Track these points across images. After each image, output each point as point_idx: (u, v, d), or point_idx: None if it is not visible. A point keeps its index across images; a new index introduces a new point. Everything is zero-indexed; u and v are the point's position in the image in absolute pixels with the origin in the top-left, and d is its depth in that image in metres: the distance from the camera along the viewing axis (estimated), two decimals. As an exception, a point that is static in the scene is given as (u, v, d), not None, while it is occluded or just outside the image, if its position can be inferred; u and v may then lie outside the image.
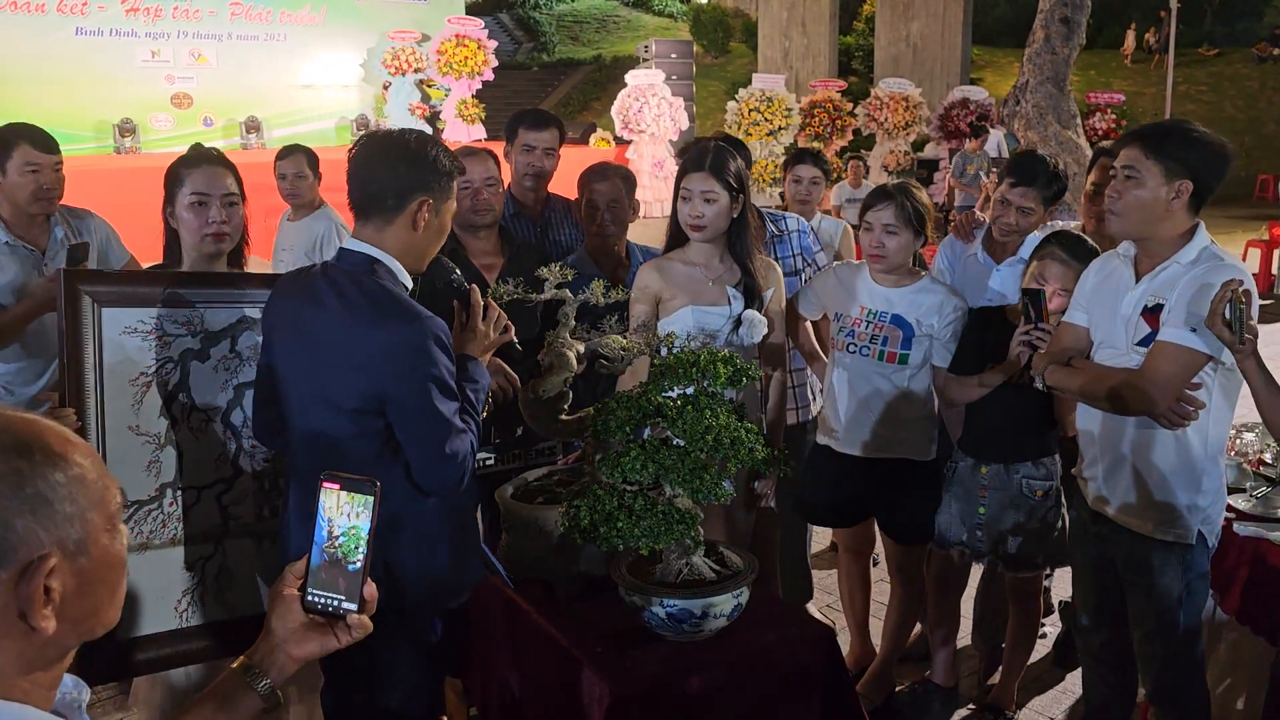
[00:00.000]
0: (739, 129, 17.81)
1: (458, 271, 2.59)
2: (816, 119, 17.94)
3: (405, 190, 2.06)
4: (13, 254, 3.22)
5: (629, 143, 17.44)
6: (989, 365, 2.96)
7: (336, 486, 1.19)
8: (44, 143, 3.22)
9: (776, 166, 17.85)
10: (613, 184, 3.30)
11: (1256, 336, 2.21)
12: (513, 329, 2.37)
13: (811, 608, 3.92)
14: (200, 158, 2.61)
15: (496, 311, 2.31)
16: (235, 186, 2.60)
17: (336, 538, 1.19)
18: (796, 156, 4.19)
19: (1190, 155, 2.34)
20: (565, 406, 2.43)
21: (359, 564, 1.19)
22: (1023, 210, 3.23)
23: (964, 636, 3.65)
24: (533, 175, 3.55)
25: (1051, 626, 3.78)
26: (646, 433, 2.17)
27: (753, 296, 2.88)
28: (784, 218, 3.69)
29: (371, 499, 1.18)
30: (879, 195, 3.02)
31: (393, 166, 2.07)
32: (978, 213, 3.63)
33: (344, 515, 1.18)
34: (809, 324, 3.46)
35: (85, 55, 16.91)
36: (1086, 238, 3.00)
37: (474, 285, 2.35)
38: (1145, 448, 2.49)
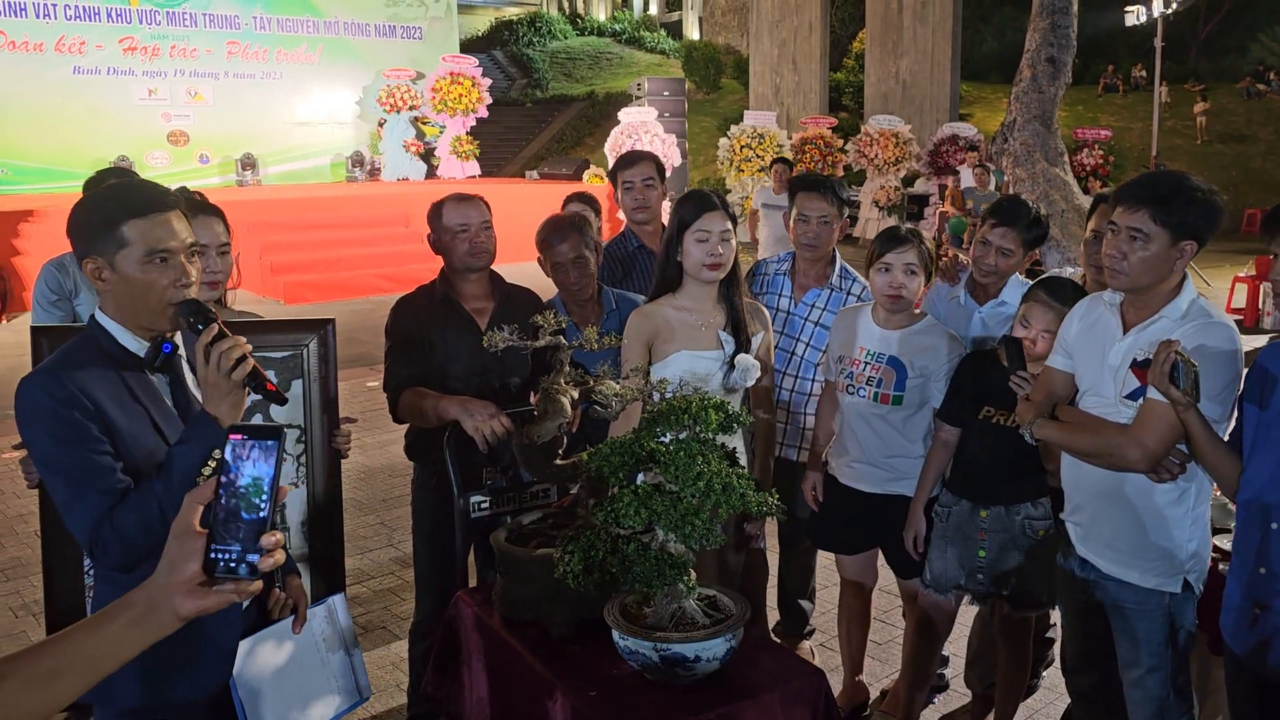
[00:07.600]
0: (731, 165, 17.99)
1: (210, 310, 1.95)
2: (808, 155, 18.14)
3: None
4: None
5: (622, 179, 17.58)
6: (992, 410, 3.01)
7: (241, 437, 1.18)
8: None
9: (769, 202, 18.01)
10: (573, 242, 3.28)
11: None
12: (249, 367, 1.86)
13: (808, 646, 3.93)
14: (194, 207, 2.66)
15: (226, 345, 1.86)
16: (226, 235, 2.71)
17: (239, 488, 1.17)
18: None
19: (1195, 218, 2.38)
20: (560, 451, 2.47)
21: (264, 513, 1.17)
22: (1002, 251, 3.24)
23: (957, 676, 3.67)
24: (639, 208, 3.92)
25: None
26: (641, 478, 2.20)
27: (744, 340, 2.93)
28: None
29: (276, 444, 1.18)
30: (899, 239, 3.05)
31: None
32: (961, 256, 3.68)
33: (249, 464, 1.17)
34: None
35: (82, 93, 17.08)
36: (1074, 281, 3.03)
37: (216, 320, 1.90)
38: (1130, 496, 2.52)
